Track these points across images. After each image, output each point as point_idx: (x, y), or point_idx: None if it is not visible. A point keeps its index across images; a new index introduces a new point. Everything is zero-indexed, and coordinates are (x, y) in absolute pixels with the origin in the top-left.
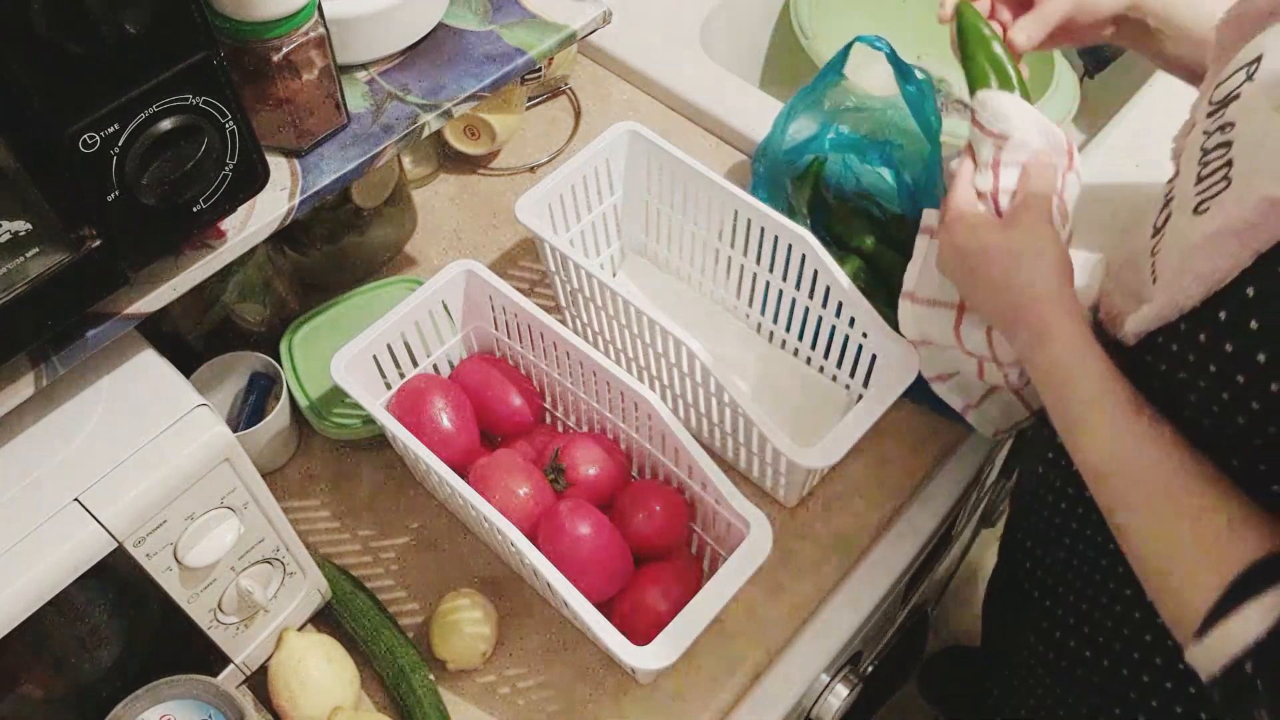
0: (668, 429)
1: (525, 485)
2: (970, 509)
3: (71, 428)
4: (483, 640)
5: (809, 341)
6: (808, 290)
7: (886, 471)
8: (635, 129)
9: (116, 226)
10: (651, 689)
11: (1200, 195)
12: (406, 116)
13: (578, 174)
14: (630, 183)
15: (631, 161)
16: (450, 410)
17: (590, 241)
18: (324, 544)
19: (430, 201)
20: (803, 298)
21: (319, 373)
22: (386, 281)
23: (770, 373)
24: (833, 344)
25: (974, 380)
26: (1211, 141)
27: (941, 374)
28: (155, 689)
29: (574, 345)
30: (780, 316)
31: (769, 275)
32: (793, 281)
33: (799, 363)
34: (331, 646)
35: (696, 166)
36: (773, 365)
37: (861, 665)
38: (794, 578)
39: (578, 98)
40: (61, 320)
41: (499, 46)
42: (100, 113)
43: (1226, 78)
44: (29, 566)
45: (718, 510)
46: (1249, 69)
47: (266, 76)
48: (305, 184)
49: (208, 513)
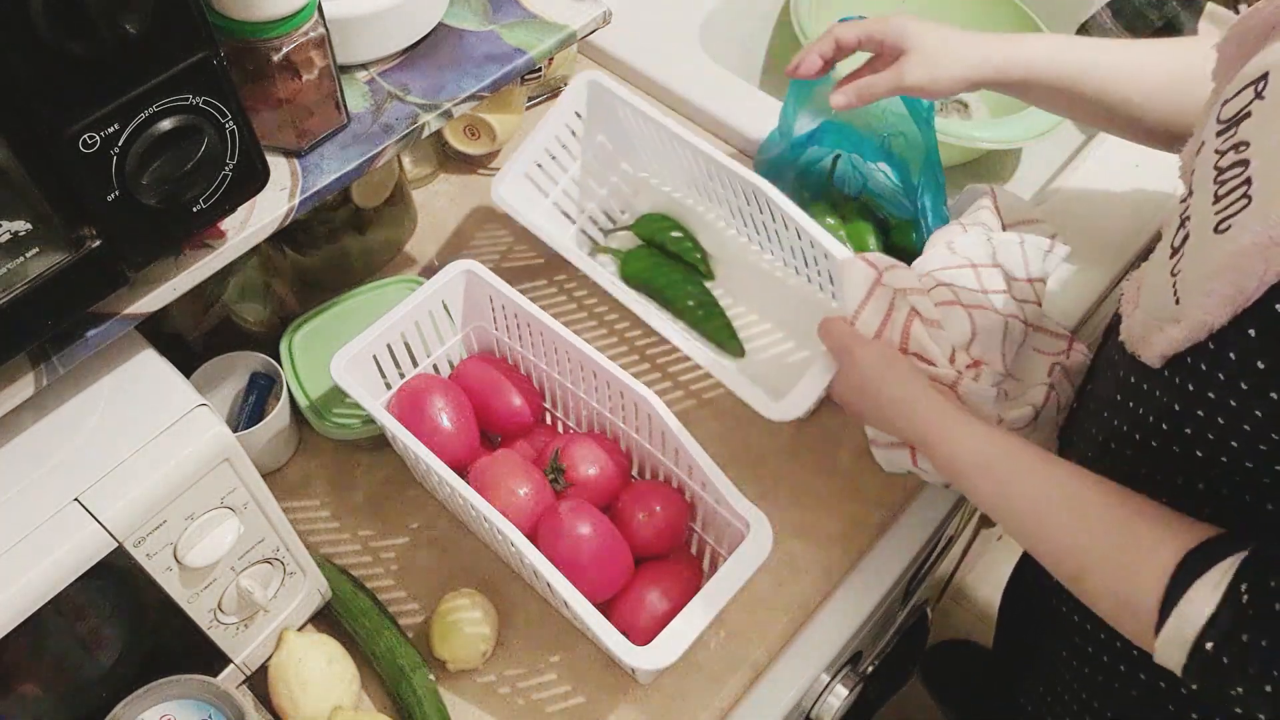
0: (668, 429)
1: (525, 485)
2: (970, 509)
3: (71, 428)
4: (483, 640)
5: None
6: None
7: (886, 471)
8: (596, 78)
9: (116, 226)
10: (651, 689)
11: (1220, 214)
12: (406, 116)
13: (550, 138)
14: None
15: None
16: (450, 410)
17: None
18: (324, 544)
19: (430, 201)
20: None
21: (319, 373)
22: (386, 281)
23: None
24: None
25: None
26: (1226, 160)
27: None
28: (155, 689)
29: (574, 345)
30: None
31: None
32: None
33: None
34: (331, 646)
35: (654, 114)
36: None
37: (862, 665)
38: (794, 578)
39: None
40: (61, 320)
41: (499, 46)
42: (100, 113)
43: (1233, 95)
44: (29, 566)
45: (718, 510)
46: (1256, 86)
47: (266, 76)
48: (305, 184)
49: (208, 513)
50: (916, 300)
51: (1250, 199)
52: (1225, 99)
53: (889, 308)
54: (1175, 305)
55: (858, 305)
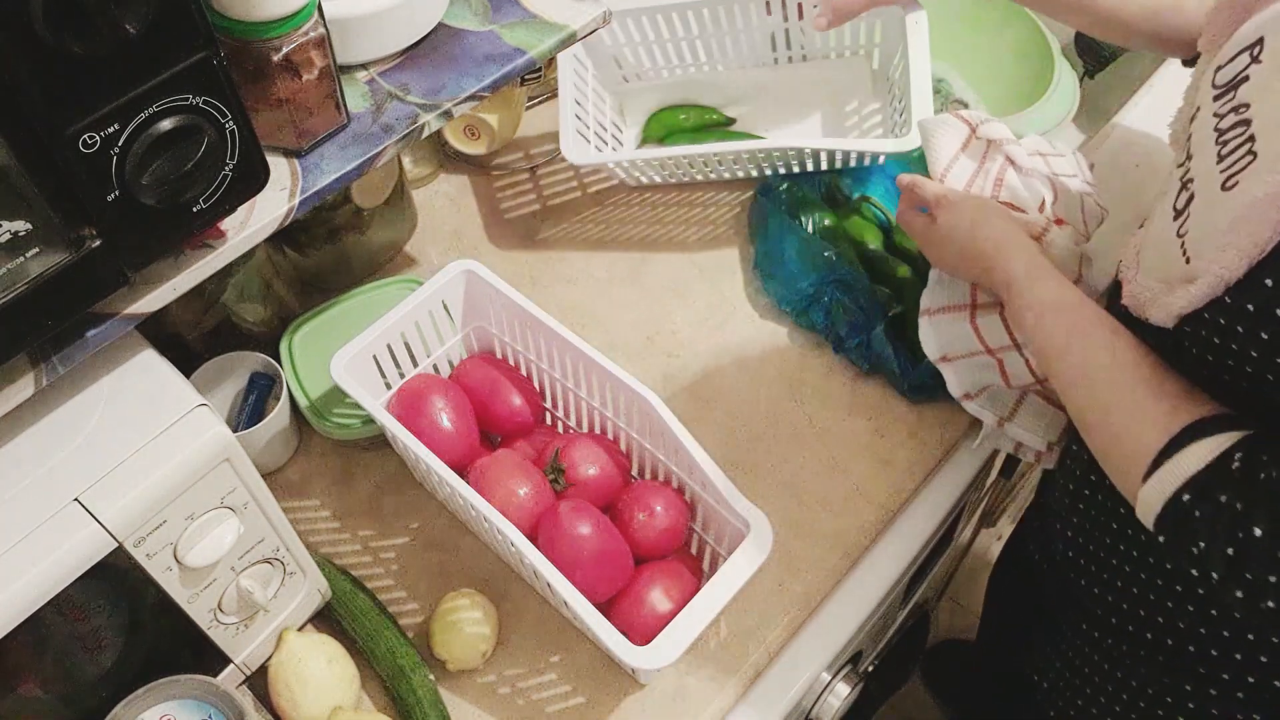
0: (667, 429)
1: (525, 485)
2: (970, 509)
3: (71, 428)
4: (483, 640)
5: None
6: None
7: (886, 471)
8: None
9: (116, 226)
10: (651, 689)
11: (1226, 172)
12: (406, 116)
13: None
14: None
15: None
16: (450, 410)
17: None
18: (324, 544)
19: (430, 201)
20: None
21: (319, 373)
22: (386, 281)
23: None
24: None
25: (1002, 390)
26: (1226, 122)
27: (969, 391)
28: (155, 689)
29: (574, 345)
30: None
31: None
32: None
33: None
34: (331, 646)
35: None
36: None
37: (862, 664)
38: (794, 578)
39: None
40: (61, 320)
41: (499, 46)
42: (100, 113)
43: (1227, 61)
44: (29, 566)
45: (718, 510)
46: (1252, 50)
47: (266, 76)
48: (305, 184)
49: (208, 513)
50: (1012, 149)
51: (1256, 155)
52: (1219, 65)
53: (981, 159)
54: (1186, 265)
55: (948, 161)
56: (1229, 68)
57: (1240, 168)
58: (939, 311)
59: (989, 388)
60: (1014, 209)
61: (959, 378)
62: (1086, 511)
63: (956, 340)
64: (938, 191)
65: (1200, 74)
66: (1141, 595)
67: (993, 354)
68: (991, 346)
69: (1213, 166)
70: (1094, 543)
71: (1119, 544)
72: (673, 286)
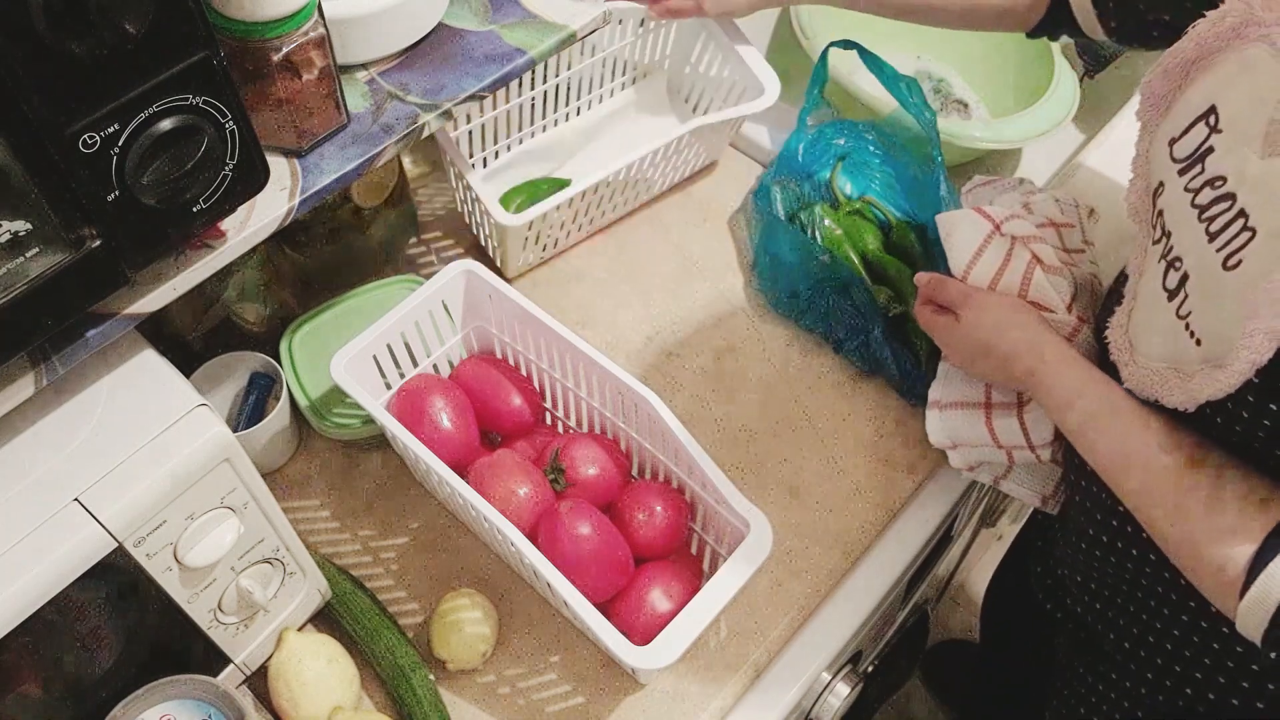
0: (668, 429)
1: (525, 485)
2: (970, 509)
3: (71, 428)
4: (483, 640)
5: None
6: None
7: (886, 471)
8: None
9: (116, 226)
10: (651, 689)
11: (1223, 250)
12: (406, 116)
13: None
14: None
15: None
16: (450, 410)
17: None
18: (324, 544)
19: (430, 201)
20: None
21: (319, 373)
22: (386, 281)
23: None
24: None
25: (1001, 460)
26: (1204, 198)
27: (970, 465)
28: (155, 689)
29: (574, 345)
30: None
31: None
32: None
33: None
34: (331, 646)
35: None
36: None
37: (862, 664)
38: (794, 578)
39: None
40: (61, 320)
41: (499, 46)
42: (100, 113)
43: (1181, 134)
44: (29, 566)
45: (718, 510)
46: (1207, 120)
47: (266, 76)
48: (305, 184)
49: (208, 513)
50: (1039, 248)
51: (1254, 230)
52: (1172, 137)
53: (1006, 257)
54: (1199, 348)
55: (970, 257)
56: (1186, 140)
57: (1240, 245)
58: (950, 406)
59: (986, 462)
60: (1042, 309)
61: (963, 458)
62: (1104, 568)
63: (967, 433)
64: (964, 290)
65: (1146, 146)
66: (1177, 651)
67: (1004, 448)
68: (1004, 444)
69: (1205, 245)
70: (1121, 596)
71: (1149, 600)
72: (673, 286)
